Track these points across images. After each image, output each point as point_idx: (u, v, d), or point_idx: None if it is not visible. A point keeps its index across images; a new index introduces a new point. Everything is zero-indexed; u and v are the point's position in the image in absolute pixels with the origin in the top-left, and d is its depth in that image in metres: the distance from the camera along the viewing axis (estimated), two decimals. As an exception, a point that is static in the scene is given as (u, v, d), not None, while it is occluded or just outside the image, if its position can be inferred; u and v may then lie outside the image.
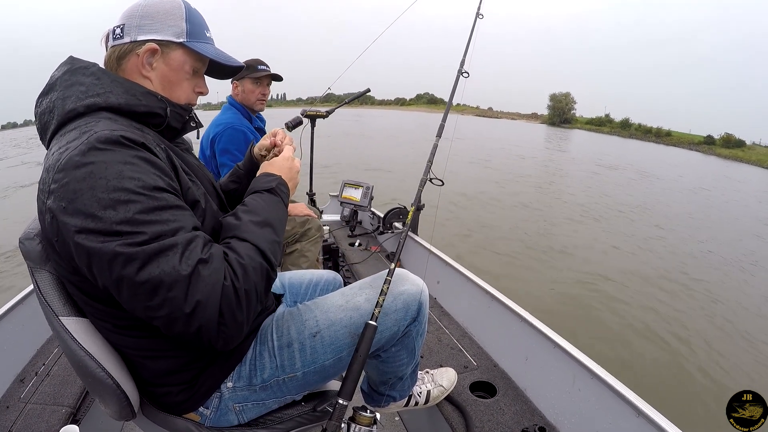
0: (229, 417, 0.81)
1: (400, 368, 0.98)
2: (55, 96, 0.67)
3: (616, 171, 15.63)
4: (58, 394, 1.22)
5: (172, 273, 0.54)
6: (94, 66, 0.70)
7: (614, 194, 10.39)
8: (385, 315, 0.85)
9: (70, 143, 0.59)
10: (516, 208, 7.94)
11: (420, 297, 0.90)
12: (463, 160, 13.34)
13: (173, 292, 0.54)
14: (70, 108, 0.64)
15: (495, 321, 1.52)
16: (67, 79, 0.67)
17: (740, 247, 6.88)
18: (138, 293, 0.55)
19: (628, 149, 31.86)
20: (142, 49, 0.70)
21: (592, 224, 7.33)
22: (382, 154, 14.27)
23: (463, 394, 1.29)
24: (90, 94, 0.66)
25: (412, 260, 2.24)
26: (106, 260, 0.54)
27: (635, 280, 4.83)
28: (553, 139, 32.37)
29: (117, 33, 0.70)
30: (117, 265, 0.54)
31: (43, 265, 0.70)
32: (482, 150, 18.02)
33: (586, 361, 1.15)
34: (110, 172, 0.55)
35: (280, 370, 0.80)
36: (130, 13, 0.70)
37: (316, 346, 0.81)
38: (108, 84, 0.67)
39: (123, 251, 0.53)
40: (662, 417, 0.95)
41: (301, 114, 2.15)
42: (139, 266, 0.54)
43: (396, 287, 0.88)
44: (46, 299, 0.68)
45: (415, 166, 7.92)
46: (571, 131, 54.44)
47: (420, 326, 0.94)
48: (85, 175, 0.55)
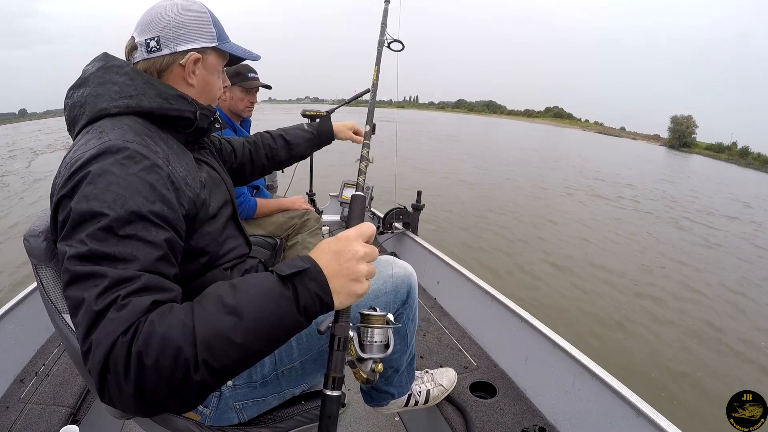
0: (229, 415, 0.81)
1: (394, 356, 0.99)
2: (87, 91, 0.68)
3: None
4: (58, 395, 1.22)
5: (87, 301, 0.49)
6: (127, 65, 0.70)
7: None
8: (376, 298, 0.87)
9: (86, 144, 0.60)
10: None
11: (409, 280, 0.92)
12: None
13: (82, 319, 0.49)
14: (102, 107, 0.66)
15: (495, 321, 1.52)
16: (101, 77, 0.68)
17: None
18: (67, 303, 0.52)
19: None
20: (186, 59, 0.73)
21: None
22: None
23: (463, 395, 1.29)
24: (123, 94, 0.67)
25: (412, 260, 2.24)
26: (61, 255, 0.53)
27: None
28: (673, 168, 25.05)
29: (153, 46, 0.71)
30: (63, 266, 0.52)
31: (47, 263, 0.70)
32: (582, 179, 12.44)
33: (586, 361, 1.15)
34: (101, 183, 0.54)
35: (278, 363, 0.81)
36: (162, 25, 0.71)
37: (311, 332, 0.79)
38: (141, 86, 0.68)
39: (66, 257, 0.52)
40: (662, 417, 0.95)
41: (301, 114, 2.15)
42: (68, 281, 0.51)
43: (384, 271, 0.89)
44: (50, 297, 0.68)
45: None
46: (689, 156, 51.48)
47: (411, 311, 0.95)
48: (82, 178, 0.55)
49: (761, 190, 18.58)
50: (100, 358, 0.47)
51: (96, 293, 0.49)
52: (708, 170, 28.22)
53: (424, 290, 2.00)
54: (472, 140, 16.67)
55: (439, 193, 8.18)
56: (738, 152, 69.94)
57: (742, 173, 32.96)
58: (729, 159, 62.10)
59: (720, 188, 16.17)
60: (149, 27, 0.71)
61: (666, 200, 10.69)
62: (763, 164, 56.15)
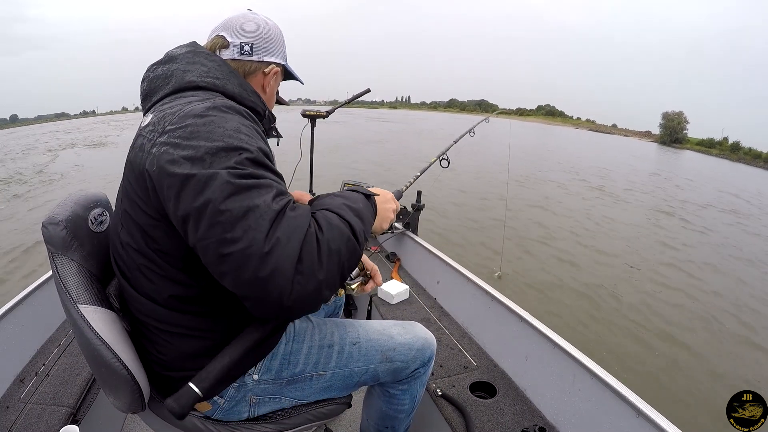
0: (240, 409, 0.81)
1: (399, 415, 1.04)
2: (175, 67, 0.74)
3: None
4: (58, 395, 1.22)
5: (263, 206, 0.55)
6: (215, 55, 0.78)
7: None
8: (408, 350, 0.95)
9: (191, 102, 0.65)
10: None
11: (432, 347, 1.01)
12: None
13: (259, 222, 0.54)
14: (191, 80, 0.71)
15: (495, 321, 1.52)
16: (191, 58, 0.75)
17: None
18: (219, 221, 0.54)
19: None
20: (270, 70, 0.83)
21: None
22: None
23: (463, 395, 1.29)
24: (211, 75, 0.73)
25: (412, 260, 2.24)
26: (201, 183, 0.55)
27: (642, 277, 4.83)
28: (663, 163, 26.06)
29: (246, 50, 0.79)
30: (209, 188, 0.55)
31: (65, 252, 0.70)
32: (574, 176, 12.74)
33: (586, 361, 1.15)
34: (229, 125, 0.61)
35: (312, 367, 0.86)
36: (256, 34, 0.80)
37: (353, 352, 0.90)
38: (227, 74, 0.75)
39: (220, 174, 0.55)
40: (662, 417, 0.95)
41: (301, 114, 2.15)
42: (231, 192, 0.55)
43: (419, 332, 1.00)
44: (66, 286, 0.68)
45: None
46: (681, 152, 51.09)
47: (426, 374, 1.02)
48: (206, 122, 0.60)
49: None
50: (295, 248, 0.54)
51: (270, 198, 0.56)
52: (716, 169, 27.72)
53: (424, 290, 2.00)
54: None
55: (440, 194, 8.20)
56: (729, 147, 69.48)
57: (732, 167, 32.88)
58: (720, 154, 61.86)
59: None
60: (244, 33, 0.79)
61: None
62: (754, 159, 56.07)
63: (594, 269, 5.09)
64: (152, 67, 0.76)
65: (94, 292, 0.71)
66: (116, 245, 0.73)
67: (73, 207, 0.77)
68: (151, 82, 0.75)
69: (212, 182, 0.55)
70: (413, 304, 1.87)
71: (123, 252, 0.71)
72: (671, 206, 9.82)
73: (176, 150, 0.58)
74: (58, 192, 8.46)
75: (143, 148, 0.64)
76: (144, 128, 0.67)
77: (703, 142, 77.69)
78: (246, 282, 0.54)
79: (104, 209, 0.84)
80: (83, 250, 0.76)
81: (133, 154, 0.66)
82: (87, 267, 0.76)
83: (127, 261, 0.71)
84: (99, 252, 0.81)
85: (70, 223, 0.74)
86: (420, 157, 10.26)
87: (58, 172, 11.00)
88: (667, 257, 5.92)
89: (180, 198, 0.57)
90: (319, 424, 0.92)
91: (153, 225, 0.65)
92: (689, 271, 5.43)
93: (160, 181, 0.59)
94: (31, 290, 1.48)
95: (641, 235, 7.02)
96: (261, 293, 0.54)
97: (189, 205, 0.56)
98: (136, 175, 0.65)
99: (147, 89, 0.75)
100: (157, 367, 0.76)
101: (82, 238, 0.76)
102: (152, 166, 0.60)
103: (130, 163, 0.67)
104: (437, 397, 1.28)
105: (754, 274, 5.77)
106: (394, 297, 1.84)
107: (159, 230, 0.65)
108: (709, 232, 7.80)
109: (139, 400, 0.71)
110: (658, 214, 8.77)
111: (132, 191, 0.66)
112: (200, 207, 0.55)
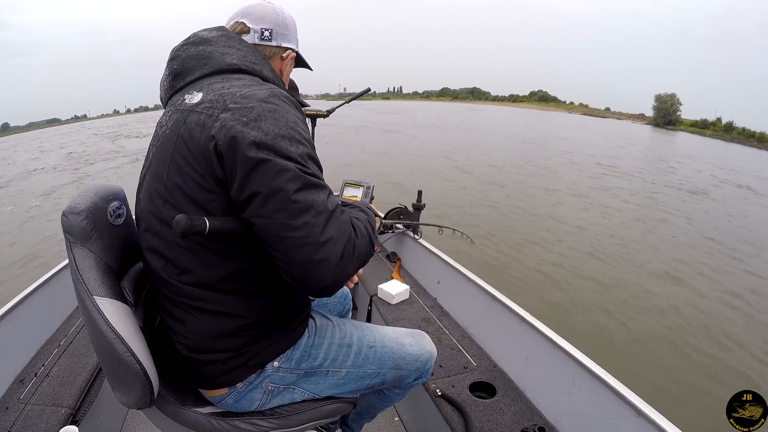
0: (254, 396, 0.82)
1: (380, 408, 1.13)
2: (211, 49, 0.76)
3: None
4: (58, 395, 1.22)
5: (321, 204, 0.65)
6: (244, 40, 0.81)
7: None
8: (415, 360, 0.99)
9: (248, 86, 0.69)
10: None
11: (434, 359, 1.04)
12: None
13: (317, 219, 0.64)
14: (231, 62, 0.75)
15: (495, 321, 1.52)
16: (225, 41, 0.78)
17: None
18: (286, 208, 0.62)
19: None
20: (287, 55, 0.87)
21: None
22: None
23: (463, 395, 1.29)
24: (249, 60, 0.78)
25: (412, 260, 2.23)
26: (275, 170, 0.62)
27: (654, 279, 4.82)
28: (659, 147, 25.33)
29: (266, 36, 0.83)
30: (283, 177, 0.62)
31: (83, 242, 0.69)
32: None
33: (586, 361, 1.15)
34: (290, 118, 0.67)
35: (330, 363, 0.89)
36: (274, 21, 0.83)
37: (369, 355, 0.93)
38: (260, 59, 0.80)
39: (293, 169, 0.63)
40: (662, 417, 0.95)
41: None
42: (300, 187, 0.63)
43: (426, 345, 1.03)
44: (82, 276, 0.67)
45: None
46: (675, 134, 50.73)
47: (422, 380, 1.04)
48: (271, 109, 0.66)
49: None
50: (341, 248, 0.66)
51: (325, 196, 0.67)
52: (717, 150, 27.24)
53: (424, 290, 2.00)
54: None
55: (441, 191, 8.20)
56: (722, 127, 68.84)
57: (726, 147, 32.71)
58: (714, 135, 61.47)
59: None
60: (263, 19, 0.82)
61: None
62: (747, 138, 55.93)
63: (574, 242, 5.09)
64: (182, 47, 0.78)
65: (110, 284, 0.70)
66: (152, 225, 0.73)
67: (93, 198, 0.76)
68: (183, 61, 0.77)
69: (286, 173, 0.63)
70: (413, 304, 1.87)
71: (162, 229, 0.71)
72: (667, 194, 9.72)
73: (246, 129, 0.63)
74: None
75: (203, 123, 0.66)
76: (197, 105, 0.69)
77: (697, 123, 76.81)
78: (297, 262, 0.64)
79: (122, 203, 0.83)
80: (102, 242, 0.75)
81: (187, 130, 0.68)
82: (105, 259, 0.75)
83: (168, 239, 0.71)
84: (116, 245, 0.79)
85: (90, 214, 0.73)
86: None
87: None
88: (676, 253, 5.90)
89: (250, 177, 0.63)
90: (324, 422, 0.92)
91: (210, 199, 0.67)
92: (688, 271, 5.42)
93: (231, 155, 0.63)
94: (31, 291, 1.48)
95: (646, 230, 7.00)
96: (307, 274, 0.65)
97: (260, 186, 0.62)
98: (194, 152, 0.66)
99: (179, 68, 0.77)
100: (185, 349, 0.76)
101: (101, 229, 0.75)
102: (221, 140, 0.63)
103: (186, 141, 0.68)
104: (437, 397, 1.28)
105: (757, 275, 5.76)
106: (394, 297, 1.84)
107: (215, 204, 0.67)
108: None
109: (148, 396, 0.71)
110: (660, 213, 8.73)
111: (188, 167, 0.67)
112: (272, 191, 0.62)
